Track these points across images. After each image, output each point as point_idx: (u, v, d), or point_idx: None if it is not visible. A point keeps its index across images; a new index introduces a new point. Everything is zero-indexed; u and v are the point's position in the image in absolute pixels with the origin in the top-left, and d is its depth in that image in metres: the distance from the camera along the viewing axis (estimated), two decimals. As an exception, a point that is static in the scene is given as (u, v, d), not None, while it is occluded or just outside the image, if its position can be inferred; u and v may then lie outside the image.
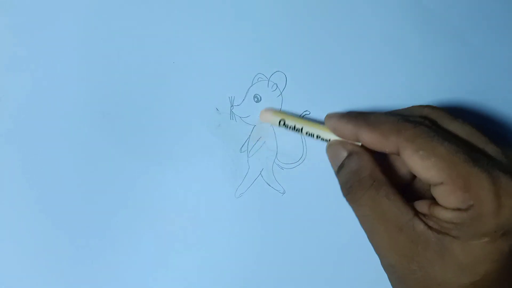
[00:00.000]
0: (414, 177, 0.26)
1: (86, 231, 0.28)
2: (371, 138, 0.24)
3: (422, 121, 0.23)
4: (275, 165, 0.30)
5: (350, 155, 0.25)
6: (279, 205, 0.30)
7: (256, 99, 0.29)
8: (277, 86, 0.29)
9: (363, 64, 0.30)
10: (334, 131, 0.26)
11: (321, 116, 0.29)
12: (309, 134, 0.27)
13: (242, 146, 0.29)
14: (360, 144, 0.26)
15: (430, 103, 0.30)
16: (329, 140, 0.27)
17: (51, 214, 0.28)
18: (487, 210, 0.21)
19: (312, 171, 0.29)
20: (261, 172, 0.30)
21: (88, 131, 0.29)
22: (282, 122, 0.28)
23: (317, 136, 0.27)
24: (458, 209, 0.21)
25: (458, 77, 0.30)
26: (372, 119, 0.24)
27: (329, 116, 0.26)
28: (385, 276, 0.25)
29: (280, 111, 0.29)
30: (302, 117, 0.29)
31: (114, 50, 0.29)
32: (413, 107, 0.26)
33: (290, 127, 0.28)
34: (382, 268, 0.25)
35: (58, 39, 0.28)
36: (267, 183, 0.30)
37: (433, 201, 0.23)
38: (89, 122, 0.29)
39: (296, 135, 0.29)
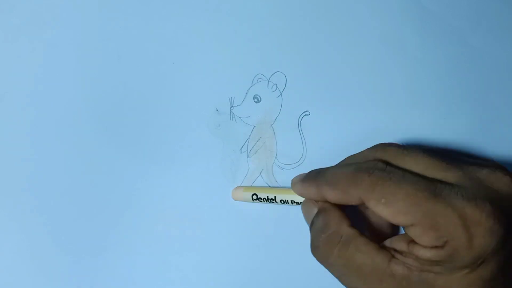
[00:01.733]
0: None
1: (85, 232, 0.28)
2: (333, 196, 0.24)
3: (375, 165, 0.23)
4: (275, 165, 0.30)
5: (318, 212, 0.25)
6: (278, 205, 0.30)
7: (256, 100, 0.29)
8: (277, 87, 0.29)
9: (363, 65, 0.30)
10: (302, 195, 0.26)
11: (321, 116, 0.29)
12: (283, 202, 0.28)
13: (242, 146, 0.29)
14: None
15: (429, 104, 0.30)
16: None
17: (51, 214, 0.28)
18: (461, 244, 0.21)
19: (312, 171, 0.29)
20: (261, 172, 0.29)
21: (88, 132, 0.29)
22: (254, 196, 0.28)
23: (291, 202, 0.27)
24: (435, 247, 0.21)
25: (458, 78, 0.30)
26: (330, 176, 0.24)
27: (294, 183, 0.27)
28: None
29: (251, 186, 0.29)
30: (271, 187, 0.29)
31: (114, 51, 0.29)
32: (365, 150, 0.25)
33: (263, 200, 0.28)
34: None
35: (58, 40, 0.29)
36: (267, 183, 0.30)
37: (411, 239, 0.22)
38: (88, 122, 0.29)
39: (297, 135, 0.29)
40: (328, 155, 0.29)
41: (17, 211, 0.28)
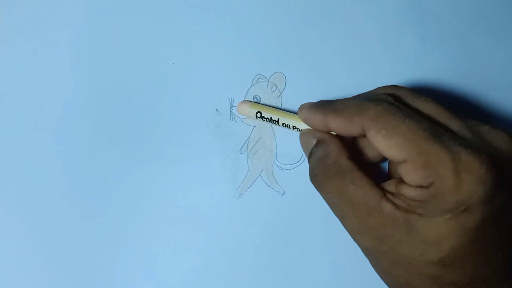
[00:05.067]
0: (382, 159, 0.27)
1: (85, 231, 0.28)
2: (337, 124, 0.24)
3: (385, 98, 0.24)
4: (274, 166, 0.30)
5: (317, 143, 0.26)
6: (278, 206, 0.30)
7: (256, 100, 0.29)
8: (276, 87, 0.30)
9: (363, 65, 0.30)
10: (306, 121, 0.26)
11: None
12: (285, 125, 0.28)
13: (242, 147, 0.29)
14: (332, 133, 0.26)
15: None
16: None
17: (51, 214, 0.28)
18: (447, 187, 0.21)
19: (312, 172, 0.29)
20: (260, 173, 0.30)
21: (87, 132, 0.29)
22: (258, 114, 0.28)
23: (293, 127, 0.27)
24: (421, 186, 0.22)
25: (457, 78, 0.31)
26: (337, 104, 0.24)
27: (301, 107, 0.27)
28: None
29: (257, 103, 0.29)
30: (280, 109, 0.29)
31: (114, 51, 0.29)
32: (377, 88, 0.26)
33: (267, 119, 0.28)
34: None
35: (58, 40, 0.28)
36: (266, 184, 0.30)
37: (400, 180, 0.23)
38: (88, 122, 0.29)
39: (296, 135, 0.29)
40: (328, 155, 0.29)
41: (17, 211, 0.28)
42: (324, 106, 0.25)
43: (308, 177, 0.26)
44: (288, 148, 0.30)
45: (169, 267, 0.29)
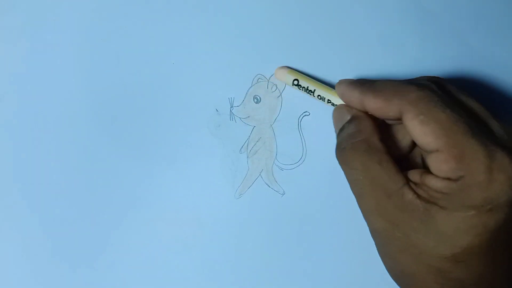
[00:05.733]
0: (412, 148, 0.26)
1: (86, 231, 0.28)
2: (375, 104, 0.24)
3: (428, 84, 0.23)
4: (274, 166, 0.30)
5: (351, 118, 0.25)
6: (278, 206, 0.30)
7: (255, 100, 0.29)
8: (276, 87, 0.29)
9: (363, 65, 0.30)
10: (342, 97, 0.26)
11: (321, 116, 0.29)
12: (320, 98, 0.28)
13: (242, 147, 0.29)
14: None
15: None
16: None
17: (51, 214, 0.28)
18: (477, 183, 0.20)
19: (311, 172, 0.29)
20: (260, 173, 0.30)
21: (88, 132, 0.29)
22: (295, 82, 0.28)
23: (328, 101, 0.27)
24: (448, 179, 0.21)
25: (457, 78, 0.30)
26: (378, 84, 0.24)
27: (340, 83, 0.26)
28: (386, 276, 0.25)
29: (296, 71, 0.29)
30: (316, 80, 0.29)
31: (114, 51, 0.29)
32: (421, 76, 0.25)
33: (302, 88, 0.28)
34: (382, 268, 0.25)
35: (58, 40, 0.28)
36: (266, 184, 0.30)
37: (426, 170, 0.23)
38: (88, 123, 0.29)
39: (296, 135, 0.29)
40: (328, 155, 0.29)
41: (17, 211, 0.28)
42: (364, 84, 0.25)
43: (307, 176, 0.26)
44: (288, 148, 0.30)
45: (169, 267, 0.29)
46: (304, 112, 0.29)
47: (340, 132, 0.26)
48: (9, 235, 0.28)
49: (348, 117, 0.26)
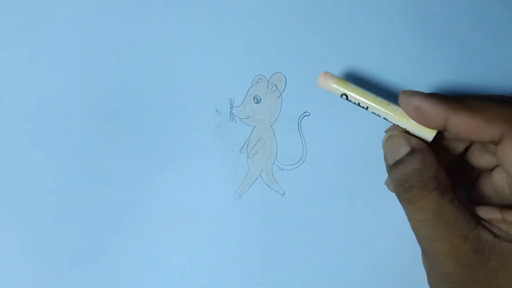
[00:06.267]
0: (476, 179, 0.24)
1: (85, 231, 0.28)
2: (469, 124, 0.21)
3: None
4: (274, 166, 0.30)
5: (413, 151, 0.22)
6: (278, 206, 0.30)
7: (256, 100, 0.29)
8: (276, 87, 0.29)
9: (363, 65, 0.30)
10: (415, 111, 0.22)
11: (321, 117, 0.29)
12: (375, 114, 0.25)
13: (242, 147, 0.29)
14: (430, 137, 0.23)
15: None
16: (395, 125, 0.24)
17: (51, 214, 0.28)
18: None
19: (312, 172, 0.29)
20: (260, 173, 0.29)
21: (88, 132, 0.29)
22: (344, 97, 0.25)
23: (384, 118, 0.24)
24: None
25: (457, 78, 0.30)
26: (472, 102, 0.21)
27: (409, 94, 0.22)
28: (385, 277, 0.25)
29: (344, 80, 0.25)
30: (365, 92, 0.25)
31: (114, 52, 0.29)
32: (503, 95, 0.24)
33: (353, 102, 0.25)
34: (381, 269, 0.25)
35: (58, 40, 0.28)
36: (266, 184, 0.30)
37: (504, 207, 0.21)
38: (88, 123, 0.29)
39: (296, 135, 0.29)
40: (328, 155, 0.29)
41: (17, 211, 0.28)
42: (451, 100, 0.22)
43: (307, 177, 0.26)
44: (288, 148, 0.30)
45: (169, 267, 0.29)
46: (304, 113, 0.29)
47: (398, 166, 0.23)
48: (9, 235, 0.28)
49: (408, 149, 0.23)
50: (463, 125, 0.21)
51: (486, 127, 0.20)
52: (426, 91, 0.30)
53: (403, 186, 0.22)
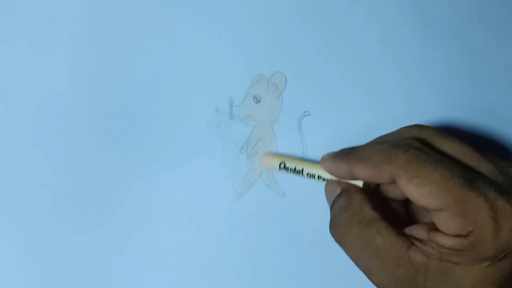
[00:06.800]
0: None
1: (84, 232, 0.28)
2: (364, 173, 0.23)
3: (411, 143, 0.23)
4: (275, 166, 0.30)
5: (341, 192, 0.25)
6: (279, 207, 0.30)
7: (256, 100, 0.29)
8: (276, 87, 0.29)
9: (363, 65, 0.30)
10: (330, 172, 0.26)
11: (321, 117, 0.29)
12: (310, 176, 0.27)
13: (242, 147, 0.29)
14: (360, 182, 0.25)
15: (429, 104, 0.30)
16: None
17: (50, 214, 0.28)
18: (486, 235, 0.20)
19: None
20: (260, 173, 0.29)
21: (87, 132, 0.28)
22: (282, 165, 0.28)
23: (318, 177, 0.27)
24: (458, 235, 0.21)
25: (457, 78, 0.30)
26: (362, 152, 0.24)
27: (324, 159, 0.26)
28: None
29: (280, 155, 0.29)
30: (301, 159, 0.29)
31: (113, 51, 0.29)
32: (401, 129, 0.25)
33: (290, 170, 0.28)
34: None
35: (58, 40, 0.28)
36: (267, 184, 0.29)
37: (432, 226, 0.22)
38: (88, 123, 0.29)
39: (296, 135, 0.29)
40: (328, 155, 0.29)
41: (17, 213, 0.28)
42: (348, 155, 0.24)
43: (309, 179, 0.26)
44: (288, 148, 0.30)
45: (168, 268, 0.29)
46: (305, 112, 0.29)
47: (332, 208, 0.25)
48: (8, 235, 0.28)
49: (338, 191, 0.25)
50: (361, 175, 0.23)
51: (377, 172, 0.23)
52: (425, 91, 0.30)
53: (332, 225, 0.24)
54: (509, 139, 0.31)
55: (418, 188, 0.21)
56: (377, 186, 0.26)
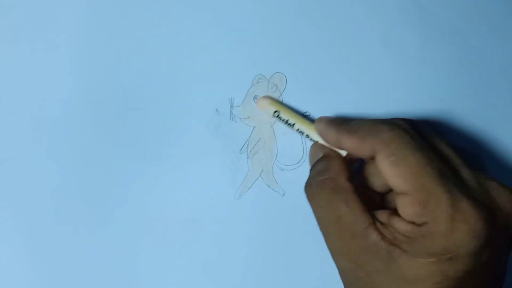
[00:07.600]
0: (388, 189, 0.26)
1: (84, 232, 0.28)
2: (350, 143, 0.24)
3: (401, 125, 0.23)
4: (275, 166, 0.30)
5: (322, 156, 0.26)
6: (278, 206, 0.30)
7: (256, 100, 0.29)
8: (277, 87, 0.29)
9: (363, 65, 0.30)
10: (320, 134, 0.27)
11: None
12: (299, 132, 0.28)
13: (242, 147, 0.29)
14: (343, 152, 0.26)
15: (429, 104, 0.30)
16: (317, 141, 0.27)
17: (50, 214, 0.28)
18: (438, 231, 0.21)
19: (312, 172, 0.29)
20: (261, 173, 0.29)
21: (87, 132, 0.28)
22: (276, 114, 0.28)
23: (306, 135, 0.27)
24: (413, 223, 0.21)
25: (457, 78, 0.30)
26: (353, 123, 0.24)
27: (319, 120, 0.27)
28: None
29: (279, 102, 0.29)
30: (303, 114, 0.29)
31: (114, 51, 0.29)
32: (397, 117, 0.25)
33: (283, 120, 0.28)
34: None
35: (58, 40, 0.28)
36: (267, 184, 0.29)
37: (394, 211, 0.23)
38: (88, 123, 0.29)
39: (296, 136, 0.29)
40: (328, 155, 0.29)
41: (16, 212, 0.28)
42: (341, 123, 0.25)
43: (307, 177, 0.26)
44: (289, 148, 0.30)
45: (168, 268, 0.29)
46: (305, 113, 0.29)
47: (311, 169, 0.26)
48: (9, 235, 0.28)
49: (321, 154, 0.26)
50: (346, 144, 0.24)
51: (360, 144, 0.23)
52: (425, 91, 0.30)
53: (307, 184, 0.25)
54: (509, 139, 0.31)
55: (392, 166, 0.22)
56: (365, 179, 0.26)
